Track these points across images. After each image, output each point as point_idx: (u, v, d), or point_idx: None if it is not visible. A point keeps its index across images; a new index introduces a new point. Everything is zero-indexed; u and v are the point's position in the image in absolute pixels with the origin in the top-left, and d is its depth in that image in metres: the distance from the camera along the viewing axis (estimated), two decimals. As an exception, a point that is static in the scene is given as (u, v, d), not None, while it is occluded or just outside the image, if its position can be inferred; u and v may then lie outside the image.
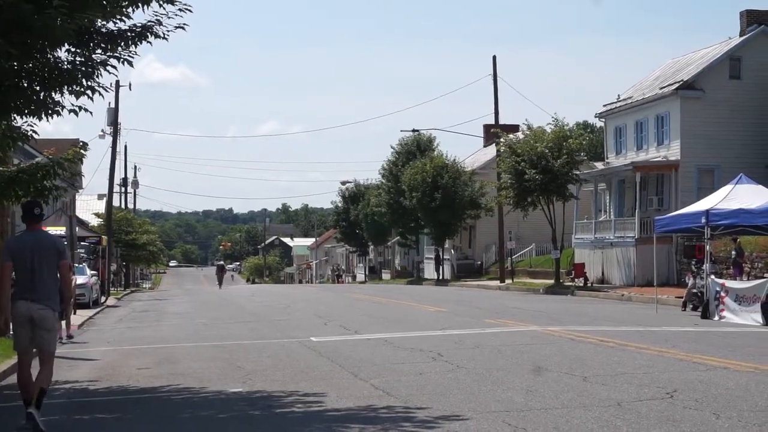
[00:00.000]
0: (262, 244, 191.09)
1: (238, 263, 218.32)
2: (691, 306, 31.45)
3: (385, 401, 13.07)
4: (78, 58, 15.36)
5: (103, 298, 47.58)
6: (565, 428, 10.68)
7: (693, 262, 33.64)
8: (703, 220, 28.95)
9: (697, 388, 13.33)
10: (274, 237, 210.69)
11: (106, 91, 16.00)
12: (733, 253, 34.16)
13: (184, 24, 15.80)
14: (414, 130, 75.47)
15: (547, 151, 49.09)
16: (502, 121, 63.13)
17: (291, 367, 17.33)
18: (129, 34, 15.62)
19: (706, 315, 28.51)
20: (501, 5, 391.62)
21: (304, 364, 17.84)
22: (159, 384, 16.03)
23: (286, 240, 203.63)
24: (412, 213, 72.78)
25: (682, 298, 33.08)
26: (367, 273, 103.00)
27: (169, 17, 15.66)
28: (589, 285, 48.06)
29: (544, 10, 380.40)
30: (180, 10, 15.57)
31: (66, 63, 15.28)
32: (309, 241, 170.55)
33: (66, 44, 14.95)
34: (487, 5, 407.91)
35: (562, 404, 12.24)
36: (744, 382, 13.84)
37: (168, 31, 15.89)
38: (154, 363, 19.23)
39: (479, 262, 74.48)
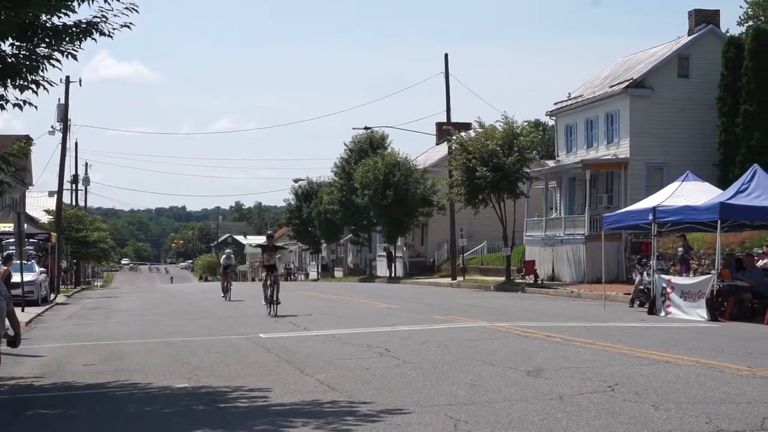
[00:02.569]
0: (215, 242, 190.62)
1: (190, 261, 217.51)
2: (638, 302, 31.76)
3: (330, 396, 13.11)
4: (22, 52, 15.26)
5: (52, 296, 47.17)
6: (506, 421, 10.78)
7: (639, 259, 34.02)
8: (651, 217, 29.27)
9: (638, 381, 13.50)
10: (227, 235, 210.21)
11: (51, 85, 15.90)
12: (681, 249, 34.54)
13: (130, 23, 15.74)
14: (366, 128, 75.47)
15: (498, 148, 49.31)
16: (454, 119, 63.43)
17: (238, 363, 17.33)
18: (74, 29, 15.52)
19: (652, 311, 28.81)
20: (454, 3, 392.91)
21: (252, 360, 17.85)
22: (105, 380, 15.96)
23: (239, 238, 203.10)
24: (365, 211, 72.87)
25: (630, 294, 33.41)
26: (319, 271, 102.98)
27: (115, 15, 15.59)
28: (539, 282, 48.36)
29: (497, 9, 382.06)
30: (126, 8, 15.51)
31: (9, 57, 15.17)
32: (262, 239, 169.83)
33: (9, 38, 14.84)
34: (440, 3, 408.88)
35: (504, 398, 12.35)
36: (684, 375, 14.04)
37: (114, 29, 15.81)
38: (100, 359, 19.15)
39: (431, 260, 74.72)
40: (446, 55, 62.08)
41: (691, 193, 29.71)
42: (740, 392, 12.45)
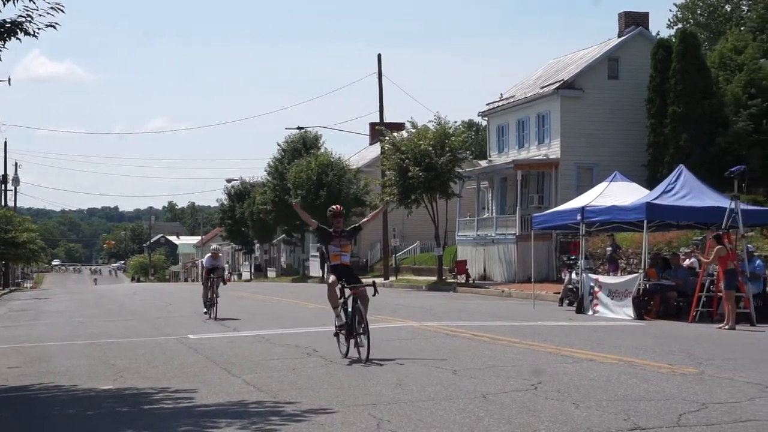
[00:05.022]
0: (148, 243, 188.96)
1: (122, 262, 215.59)
2: (567, 301, 32.13)
3: (256, 396, 13.10)
4: (-56, 52, 15.05)
5: (-21, 298, 46.54)
6: (429, 420, 10.86)
7: (568, 258, 34.38)
8: (579, 217, 29.61)
9: (561, 379, 13.66)
10: (159, 235, 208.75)
11: (-27, 83, 15.68)
12: (609, 249, 34.99)
13: (55, 23, 15.56)
14: (299, 128, 75.39)
15: (430, 149, 49.55)
16: (388, 120, 63.56)
17: (165, 365, 17.23)
18: (-1, 29, 15.33)
19: (580, 310, 29.16)
20: (388, 5, 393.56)
21: (179, 361, 17.75)
22: (29, 383, 15.77)
23: (172, 238, 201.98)
24: (298, 211, 72.59)
25: (559, 293, 33.78)
26: (252, 271, 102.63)
27: (40, 14, 15.42)
28: (471, 282, 48.66)
29: (431, 10, 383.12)
30: (52, 8, 15.35)
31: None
32: (195, 240, 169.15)
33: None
34: (375, 5, 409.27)
35: (428, 397, 12.43)
36: (606, 373, 14.23)
37: (39, 28, 15.63)
38: (25, 362, 18.91)
39: (364, 260, 74.82)
40: (379, 56, 62.27)
41: (619, 193, 30.12)
42: (659, 389, 12.66)
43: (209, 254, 30.69)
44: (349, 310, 16.74)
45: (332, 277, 17.31)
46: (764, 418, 10.61)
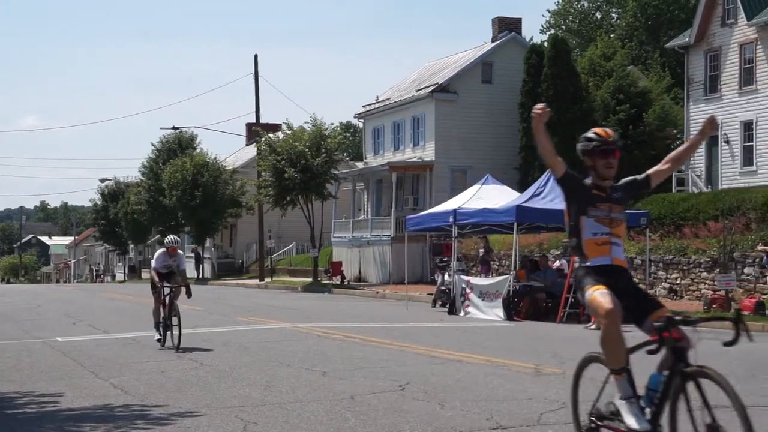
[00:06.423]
0: (18, 243, 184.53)
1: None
2: (440, 303, 32.52)
3: (123, 399, 12.97)
4: None
5: None
6: (296, 421, 10.91)
7: (440, 260, 34.81)
8: (451, 219, 29.98)
9: (429, 380, 13.86)
10: (31, 235, 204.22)
11: None
12: (482, 251, 35.50)
13: None
14: (175, 128, 74.68)
15: (306, 150, 49.61)
16: (266, 120, 63.48)
17: (31, 368, 16.91)
18: None
19: (452, 311, 29.55)
20: (265, 5, 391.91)
21: (46, 364, 17.44)
22: None
23: (44, 238, 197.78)
24: (173, 211, 72.09)
25: (432, 295, 34.15)
26: (127, 272, 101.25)
27: None
28: (346, 283, 48.85)
29: (308, 11, 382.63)
30: None
31: None
32: (68, 240, 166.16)
33: None
34: (252, 5, 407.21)
35: (297, 398, 12.49)
36: (473, 374, 14.49)
37: None
38: None
39: (240, 261, 74.50)
40: (256, 56, 61.98)
41: (491, 195, 30.64)
42: (523, 389, 12.94)
43: (162, 250, 21.21)
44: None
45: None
46: (621, 416, 10.92)
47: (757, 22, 42.05)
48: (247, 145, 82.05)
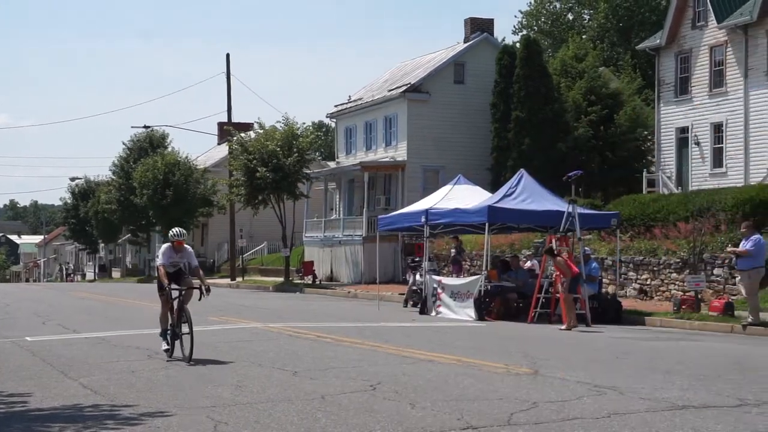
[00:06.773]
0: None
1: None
2: (411, 302, 32.51)
3: (92, 399, 12.90)
4: None
5: None
6: (267, 421, 10.90)
7: (412, 260, 34.82)
8: (423, 219, 29.99)
9: (400, 380, 13.86)
10: (0, 234, 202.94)
11: None
12: (453, 251, 35.54)
13: None
14: (146, 127, 74.45)
15: (278, 149, 49.54)
16: (238, 120, 63.43)
17: (-1, 368, 16.80)
18: None
19: (424, 311, 29.55)
20: (238, 5, 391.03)
21: (14, 364, 17.31)
22: None
23: (13, 237, 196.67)
24: (144, 210, 71.87)
25: (404, 295, 34.16)
26: (97, 271, 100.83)
27: None
28: (318, 282, 48.80)
29: (281, 11, 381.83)
30: None
31: None
32: (38, 239, 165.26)
33: None
34: (224, 3, 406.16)
35: (268, 398, 12.46)
36: (444, 374, 14.50)
37: None
38: None
39: (212, 260, 74.26)
40: (228, 55, 61.76)
41: (463, 196, 30.67)
42: (493, 389, 12.97)
43: (167, 245, 18.16)
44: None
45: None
46: (590, 416, 10.98)
47: (727, 24, 42.31)
48: (218, 144, 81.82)
